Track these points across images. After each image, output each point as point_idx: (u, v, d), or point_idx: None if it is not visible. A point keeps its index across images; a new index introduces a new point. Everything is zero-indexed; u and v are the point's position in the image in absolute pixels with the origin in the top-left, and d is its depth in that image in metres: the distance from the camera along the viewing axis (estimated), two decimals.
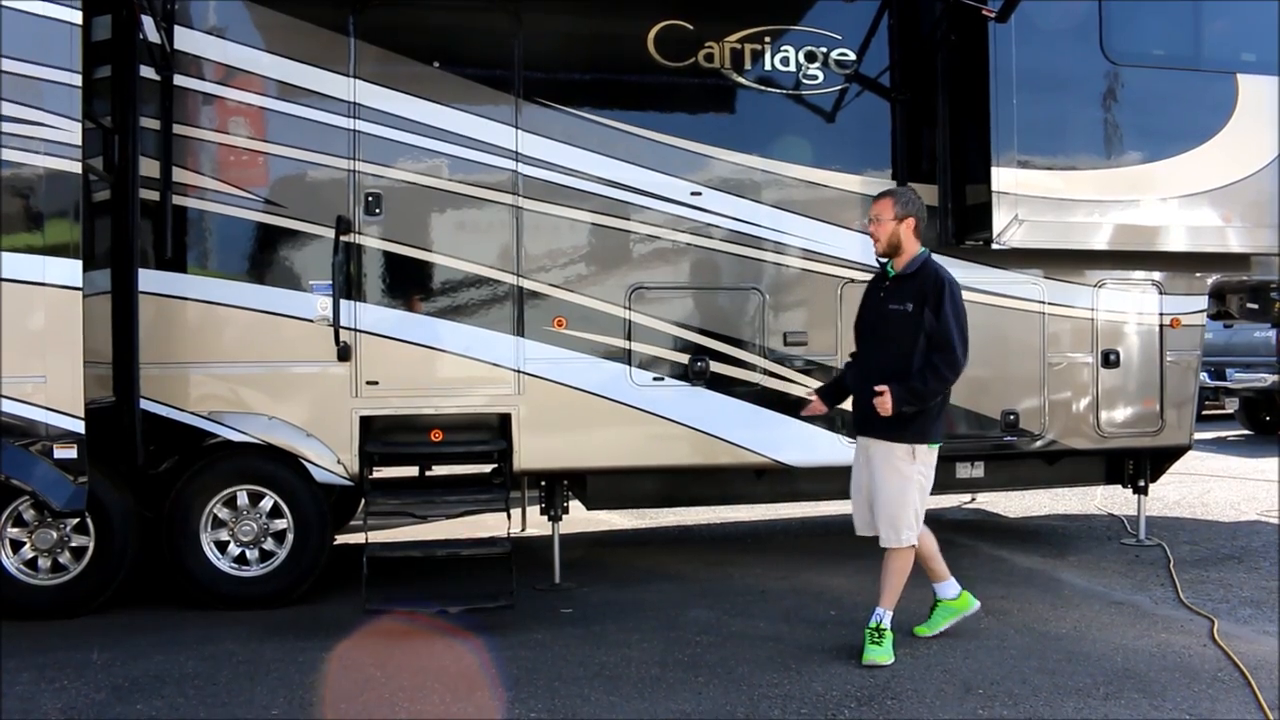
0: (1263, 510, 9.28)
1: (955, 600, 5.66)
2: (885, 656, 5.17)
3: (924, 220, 5.41)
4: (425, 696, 4.79)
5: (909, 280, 5.26)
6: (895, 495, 5.24)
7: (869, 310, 5.48)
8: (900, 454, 5.23)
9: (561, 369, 6.54)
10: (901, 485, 5.24)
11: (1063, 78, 7.08)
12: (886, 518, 5.26)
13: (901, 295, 5.25)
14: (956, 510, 9.56)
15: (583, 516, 7.96)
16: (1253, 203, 7.39)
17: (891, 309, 5.27)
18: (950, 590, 5.66)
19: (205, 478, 6.25)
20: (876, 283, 5.50)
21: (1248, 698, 4.70)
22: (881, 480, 5.26)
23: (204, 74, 6.30)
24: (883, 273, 5.46)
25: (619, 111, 6.68)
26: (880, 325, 5.35)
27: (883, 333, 5.33)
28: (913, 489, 5.26)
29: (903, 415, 5.13)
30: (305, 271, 6.36)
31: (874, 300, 5.43)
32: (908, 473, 5.24)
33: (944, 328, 5.13)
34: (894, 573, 5.33)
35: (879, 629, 5.24)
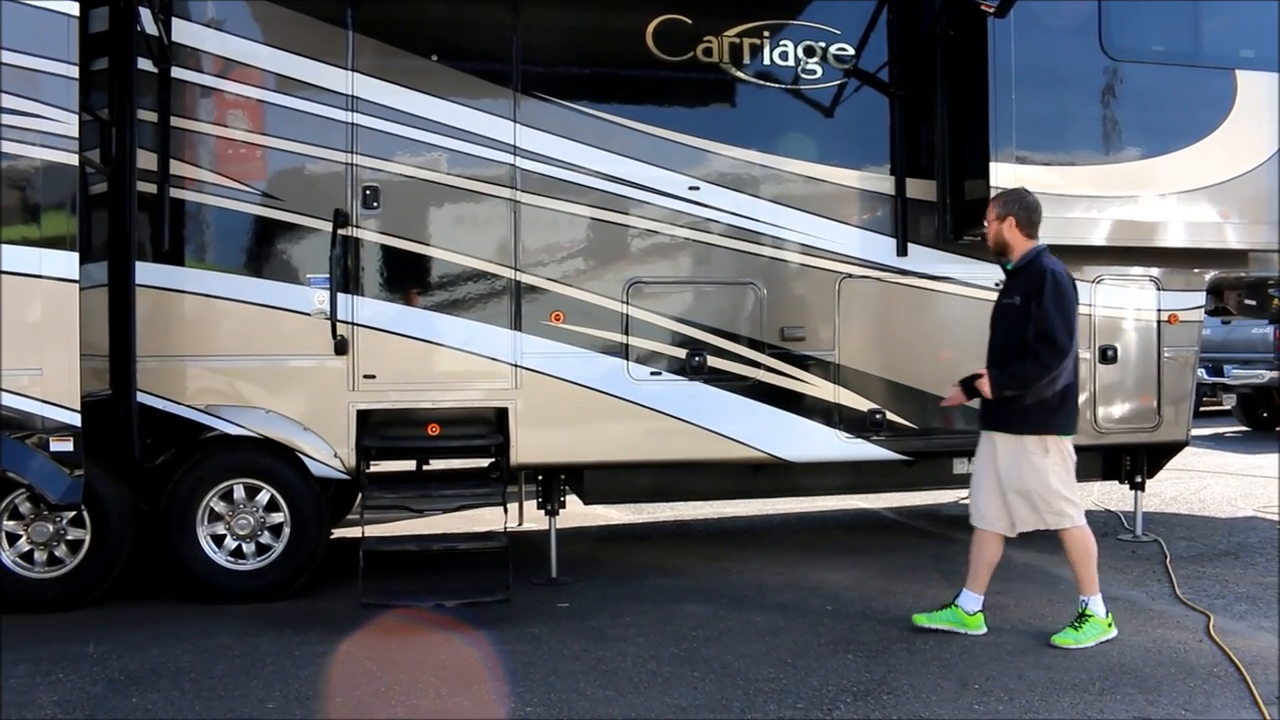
0: (1259, 506, 9.28)
1: (970, 616, 5.61)
2: (1078, 640, 5.34)
3: (1029, 217, 5.52)
4: (421, 691, 4.79)
5: (1019, 275, 5.47)
6: (1039, 486, 5.38)
7: (995, 308, 5.67)
8: (1031, 446, 5.37)
9: (559, 363, 6.53)
10: (1040, 476, 5.37)
11: (1062, 74, 7.08)
12: (1046, 508, 5.41)
13: (1012, 290, 5.48)
14: (954, 506, 9.54)
15: (580, 511, 7.96)
16: (1251, 199, 7.39)
17: (1004, 303, 5.52)
18: (971, 604, 5.64)
19: (202, 471, 6.25)
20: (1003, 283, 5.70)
21: (1243, 693, 4.71)
22: (1020, 476, 5.40)
23: (202, 66, 6.29)
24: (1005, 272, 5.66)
25: (617, 106, 6.67)
26: (998, 320, 5.58)
27: (999, 327, 5.55)
28: (1051, 475, 5.38)
29: (1021, 407, 5.32)
30: (302, 265, 6.35)
31: (998, 299, 5.66)
32: (1042, 464, 5.37)
33: (1045, 316, 5.27)
34: (1079, 558, 5.49)
35: (1084, 614, 5.42)
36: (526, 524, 7.94)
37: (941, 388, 7.04)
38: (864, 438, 6.96)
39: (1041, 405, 5.35)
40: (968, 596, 5.64)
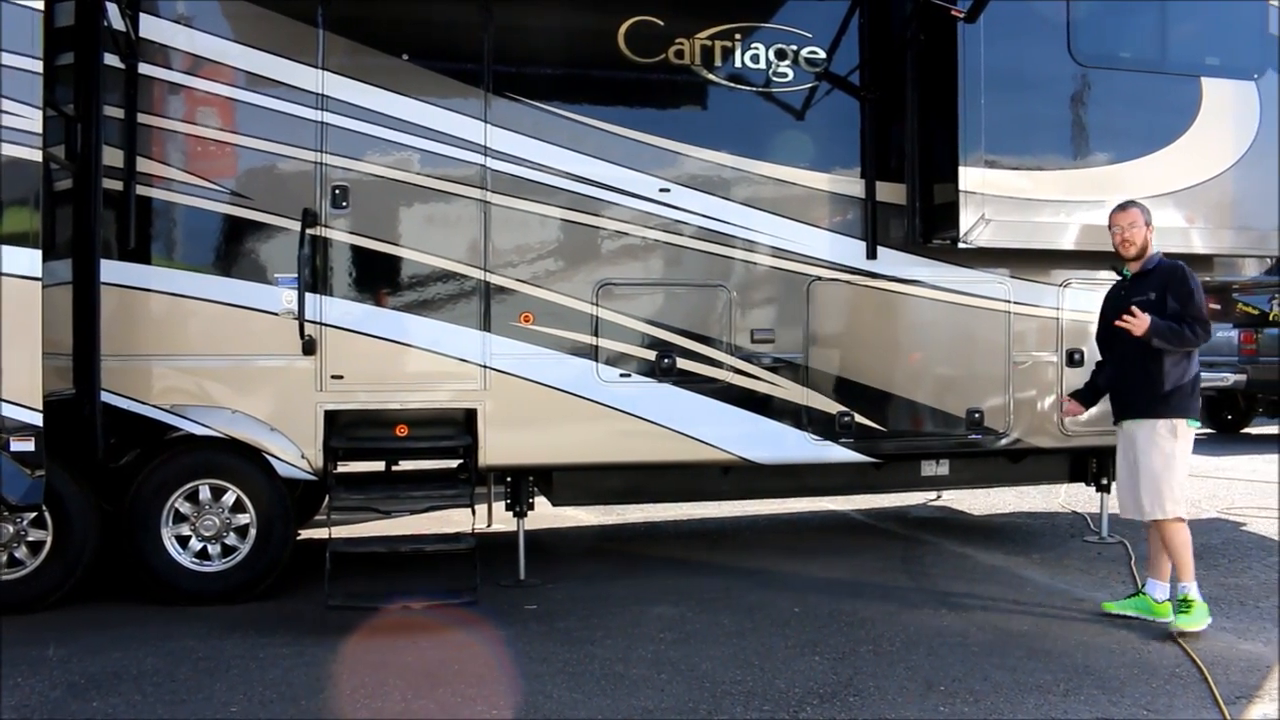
0: (1224, 508, 9.38)
1: (1159, 604, 5.85)
2: (1194, 623, 5.60)
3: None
4: (387, 693, 4.77)
5: (1150, 275, 5.86)
6: (1160, 470, 5.69)
7: (1114, 309, 5.90)
8: (1163, 430, 5.71)
9: (528, 365, 6.51)
10: (1165, 460, 5.70)
11: (1030, 79, 7.12)
12: (1152, 491, 5.71)
13: (1144, 288, 5.83)
14: (922, 507, 9.61)
15: (549, 512, 7.94)
16: (1216, 205, 7.46)
17: (1136, 301, 5.76)
18: (1160, 593, 5.88)
19: (167, 471, 6.19)
20: (1118, 286, 6.07)
21: (1204, 693, 4.75)
22: (1147, 458, 5.72)
23: (170, 63, 6.24)
24: (1121, 276, 6.04)
25: (589, 107, 6.66)
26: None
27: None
28: (1177, 464, 5.72)
29: (1162, 393, 5.70)
30: (270, 264, 6.31)
31: (1117, 300, 5.96)
32: (1170, 449, 5.70)
33: (1197, 305, 5.74)
34: (1178, 548, 5.74)
35: (1186, 600, 5.68)
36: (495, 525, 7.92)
37: (910, 390, 7.15)
38: (833, 440, 6.98)
39: (1179, 390, 5.75)
40: (1155, 585, 5.91)
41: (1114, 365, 6.03)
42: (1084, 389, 6.36)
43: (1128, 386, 5.87)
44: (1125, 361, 5.88)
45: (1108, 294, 6.20)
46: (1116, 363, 5.99)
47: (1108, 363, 6.15)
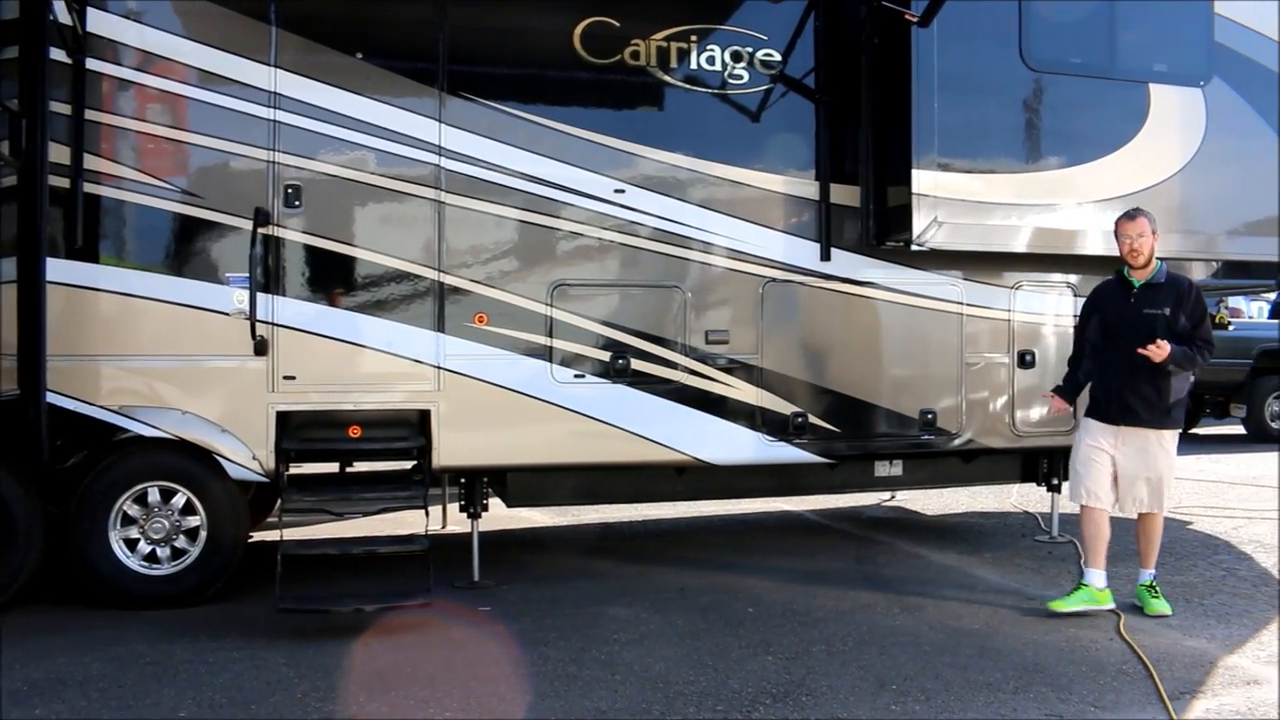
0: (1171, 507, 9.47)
1: (1100, 593, 6.12)
2: (1166, 607, 6.06)
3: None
4: (338, 696, 4.74)
5: (1161, 288, 6.09)
6: (1167, 472, 6.14)
7: (1117, 313, 6.19)
8: (1168, 439, 6.13)
9: (482, 365, 6.48)
10: (1170, 464, 6.16)
11: (983, 83, 7.18)
12: (1157, 492, 6.14)
13: (1157, 302, 6.06)
14: (876, 508, 9.68)
15: (504, 514, 7.91)
16: (1164, 208, 7.51)
17: (1147, 313, 6.04)
18: (1099, 581, 6.15)
19: (115, 474, 6.10)
20: (1119, 291, 6.23)
21: (1150, 689, 4.83)
22: (1155, 462, 6.10)
23: (119, 58, 6.14)
24: (1123, 281, 6.21)
25: (544, 107, 6.64)
26: (1135, 327, 6.04)
27: (1138, 333, 5.98)
28: (1174, 466, 6.22)
29: (1166, 405, 6.06)
30: (222, 264, 6.23)
31: (1122, 305, 6.18)
32: (1173, 452, 6.17)
33: (1208, 327, 6.13)
34: (1155, 536, 6.25)
35: (1153, 585, 6.18)
36: (450, 527, 7.88)
37: (864, 391, 7.19)
38: (787, 440, 7.00)
39: (1179, 403, 6.14)
40: (1092, 574, 6.14)
41: (1113, 369, 6.15)
42: (1066, 384, 6.53)
43: (1134, 396, 6.06)
44: (1131, 370, 6.03)
45: (1104, 293, 6.35)
46: (1117, 369, 6.11)
47: (1100, 363, 6.28)
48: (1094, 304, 6.42)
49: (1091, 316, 6.39)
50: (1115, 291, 6.27)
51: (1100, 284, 6.49)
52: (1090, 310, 6.43)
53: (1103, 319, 6.29)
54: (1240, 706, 4.65)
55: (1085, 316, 6.48)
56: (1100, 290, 6.43)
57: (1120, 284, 6.24)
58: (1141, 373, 6.00)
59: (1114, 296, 6.26)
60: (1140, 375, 6.01)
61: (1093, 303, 6.44)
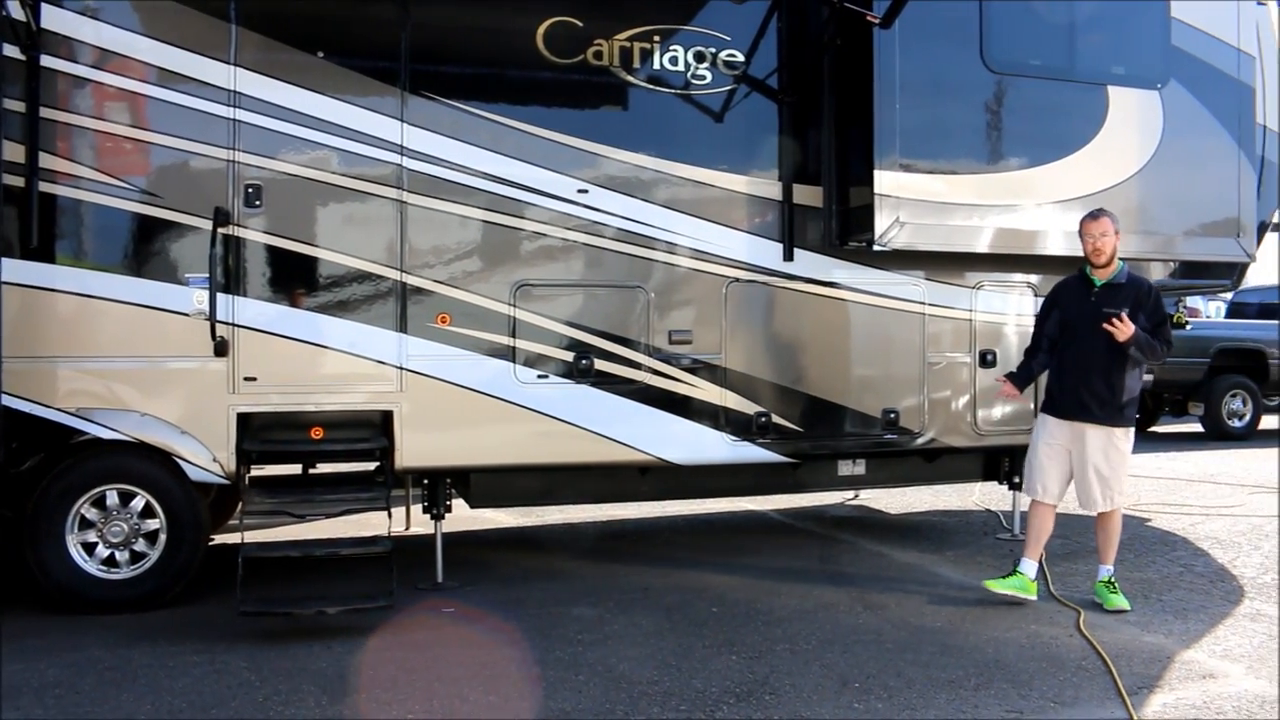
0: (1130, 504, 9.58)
1: (1029, 581, 6.30)
2: (1125, 603, 6.16)
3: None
4: (301, 700, 4.70)
5: (1122, 288, 6.19)
6: (1119, 468, 6.24)
7: (1077, 311, 6.28)
8: (1120, 435, 6.21)
9: (445, 366, 6.45)
10: (1122, 460, 6.25)
11: (944, 84, 7.23)
12: (1105, 487, 6.21)
13: (1116, 301, 6.11)
14: (839, 507, 9.72)
15: (467, 515, 7.89)
16: (1123, 209, 7.57)
17: (1106, 312, 6.06)
18: (1031, 571, 6.35)
19: (72, 477, 6.02)
20: (1080, 289, 6.33)
21: (1108, 685, 4.88)
22: (1107, 458, 6.18)
23: (74, 55, 6.06)
24: (1085, 279, 6.31)
25: (506, 107, 6.62)
26: (1094, 325, 6.09)
27: (1097, 332, 6.06)
28: (1128, 463, 6.31)
29: (1120, 403, 6.16)
30: (181, 264, 6.17)
31: (1082, 303, 6.26)
32: (1125, 449, 6.25)
33: (1169, 329, 6.22)
34: (1113, 532, 6.36)
35: (1111, 581, 6.27)
36: (414, 528, 7.86)
37: (827, 390, 7.23)
38: (750, 440, 7.02)
39: (1132, 401, 6.24)
40: (1028, 564, 6.34)
41: (1070, 365, 6.26)
42: (1019, 372, 6.64)
43: (1088, 393, 6.16)
44: (1087, 367, 6.16)
45: (1065, 289, 6.45)
46: (1074, 364, 6.23)
47: (1059, 358, 6.37)
48: (1054, 299, 6.51)
49: (1051, 311, 6.48)
50: (1076, 289, 6.36)
51: (1062, 280, 6.58)
52: (1050, 305, 6.52)
53: (1062, 315, 6.38)
54: (1196, 700, 4.71)
55: (1045, 311, 6.57)
56: (1061, 287, 6.52)
57: (1082, 282, 6.34)
58: (1097, 370, 6.12)
59: (1075, 294, 6.35)
60: (1095, 372, 6.13)
61: (1053, 298, 6.53)
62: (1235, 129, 7.94)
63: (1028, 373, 6.60)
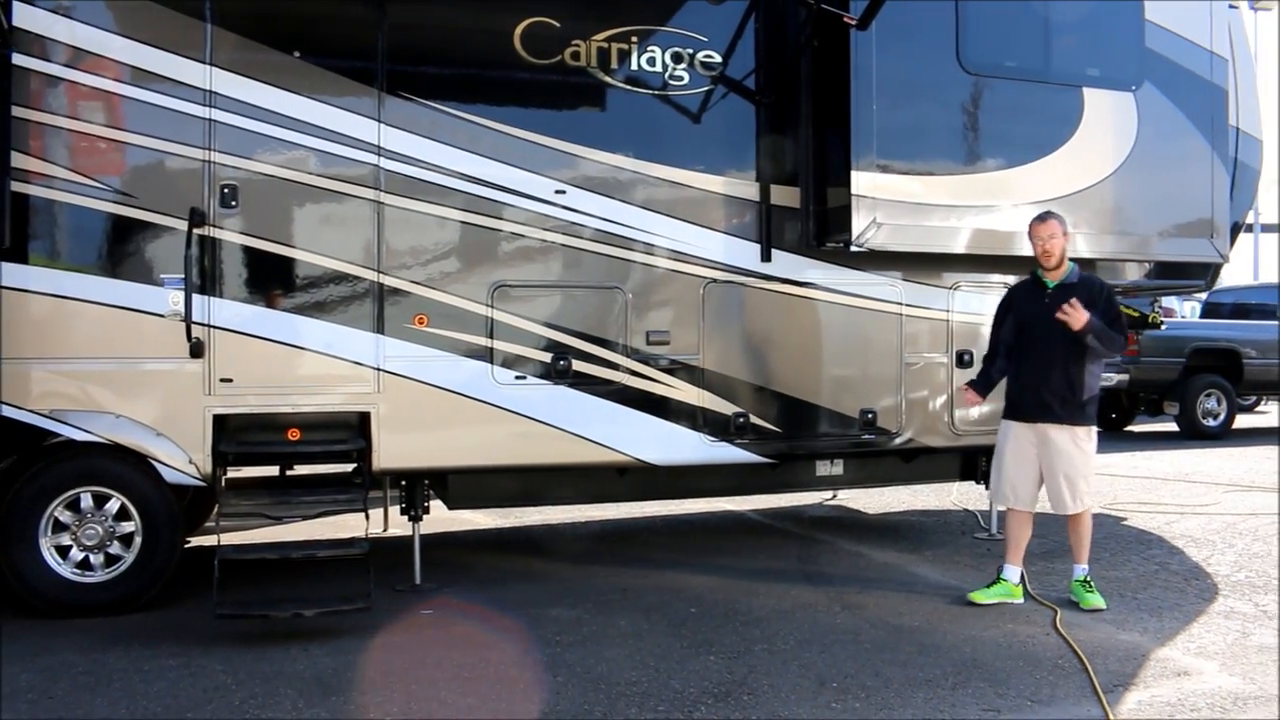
0: (1106, 504, 9.66)
1: (1014, 586, 6.36)
2: (1101, 602, 6.17)
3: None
4: (278, 703, 4.68)
5: (1074, 288, 6.20)
6: (1081, 468, 6.26)
7: (1032, 313, 6.32)
8: (1082, 435, 6.26)
9: (422, 367, 6.43)
10: (1085, 460, 6.28)
11: (921, 86, 7.25)
12: (1073, 489, 6.25)
13: (1070, 299, 6.08)
14: (818, 507, 9.74)
15: (446, 516, 7.87)
16: (1098, 210, 7.70)
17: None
18: (1015, 576, 6.40)
19: (45, 479, 5.97)
20: (1034, 291, 6.38)
21: (1084, 683, 4.90)
22: (1069, 458, 6.22)
23: (47, 54, 6.01)
24: (1037, 282, 6.36)
25: (484, 107, 6.60)
26: (1050, 325, 6.13)
27: (1053, 331, 6.12)
28: (1092, 463, 6.36)
29: (1080, 402, 6.22)
30: (157, 264, 6.12)
31: (1036, 305, 6.30)
32: (1089, 450, 6.29)
33: (1123, 324, 6.31)
34: (1085, 532, 6.38)
35: (1087, 580, 6.29)
36: (392, 530, 7.83)
37: (804, 391, 7.24)
38: (728, 441, 7.03)
39: (1093, 399, 6.29)
40: (1011, 570, 6.38)
41: (1029, 367, 6.31)
42: (980, 380, 6.66)
43: (1048, 392, 6.20)
44: (1046, 367, 6.21)
45: (1019, 293, 6.52)
46: (1033, 366, 6.28)
47: (1016, 362, 6.42)
48: (1008, 304, 6.55)
49: (1006, 317, 6.52)
50: (1029, 292, 6.41)
51: (1014, 285, 6.67)
52: (1005, 311, 6.56)
53: (1017, 319, 6.42)
54: (1171, 698, 4.74)
55: (1000, 317, 6.60)
56: (1015, 291, 6.58)
57: (1034, 285, 6.39)
58: (1056, 369, 6.17)
59: (1028, 297, 6.40)
60: (1055, 373, 6.18)
61: (1007, 303, 6.57)
62: (1208, 131, 8.01)
63: (987, 379, 6.61)
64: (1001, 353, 6.52)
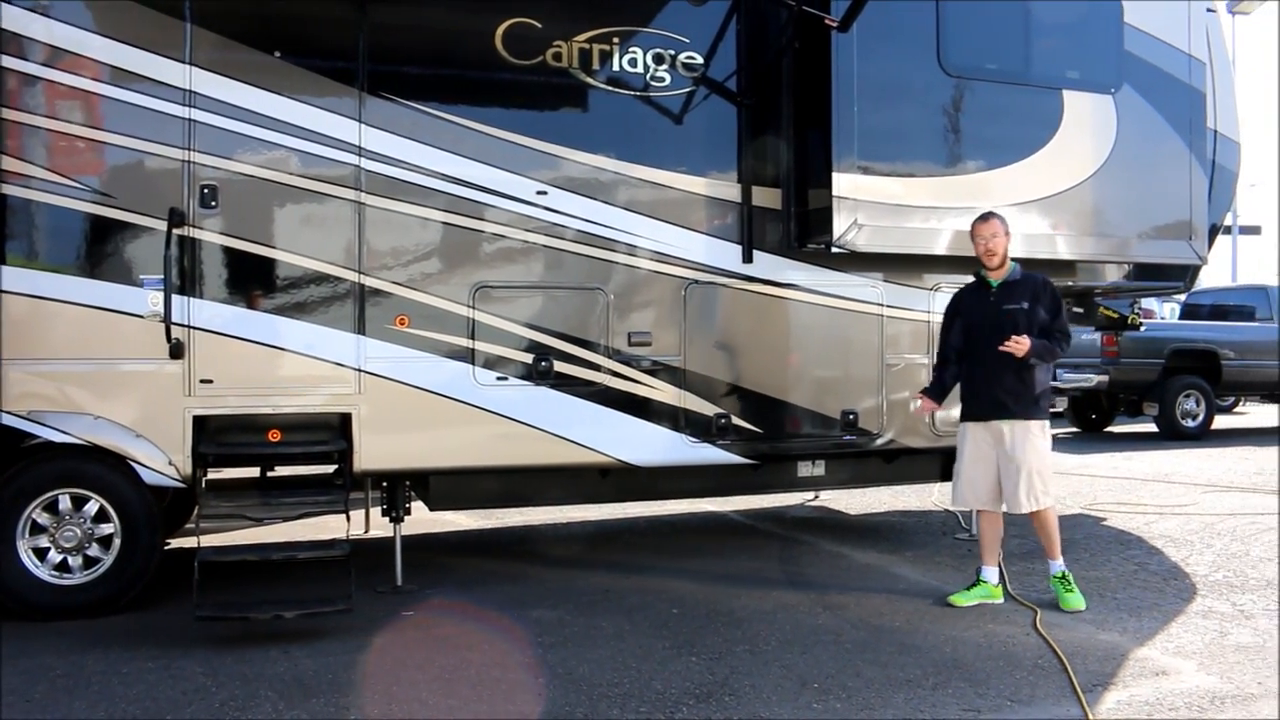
0: (1086, 504, 9.73)
1: (994, 587, 6.38)
2: (1080, 602, 6.15)
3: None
4: (258, 705, 4.65)
5: (1018, 285, 6.29)
6: (1038, 464, 6.21)
7: (979, 313, 6.36)
8: (1036, 430, 6.23)
9: (403, 368, 6.42)
10: (1040, 455, 6.22)
11: (902, 87, 7.28)
12: (1029, 485, 6.18)
13: (1015, 297, 6.25)
14: (800, 508, 9.76)
15: (427, 517, 7.85)
16: (1078, 212, 7.74)
17: (1008, 309, 6.22)
18: (993, 577, 6.42)
19: (23, 481, 5.94)
20: (979, 292, 6.42)
21: (1064, 683, 4.92)
22: (1025, 455, 6.18)
23: (25, 53, 5.97)
24: (981, 282, 6.41)
25: (465, 108, 6.59)
26: (997, 324, 6.19)
27: (1001, 329, 6.14)
28: (1048, 459, 6.30)
29: (1032, 396, 6.20)
30: (136, 265, 6.09)
31: (983, 305, 6.35)
32: (1043, 446, 6.25)
33: (1065, 319, 6.33)
34: (1052, 529, 6.31)
35: (1065, 576, 6.26)
36: (373, 531, 7.81)
37: (786, 392, 7.26)
38: (710, 442, 7.04)
39: (1045, 394, 6.30)
40: (988, 571, 6.39)
41: (980, 367, 6.31)
42: (934, 386, 6.67)
43: (1002, 391, 6.21)
44: (997, 365, 6.18)
45: (964, 296, 6.53)
46: (983, 367, 6.27)
47: (968, 364, 6.43)
48: (955, 308, 6.58)
49: (954, 321, 6.54)
50: (975, 293, 6.46)
51: (958, 290, 6.67)
52: (952, 314, 6.58)
53: (965, 321, 6.44)
54: (1149, 697, 4.77)
55: (948, 322, 6.61)
56: (960, 294, 6.61)
57: (979, 286, 6.45)
58: (1006, 368, 6.16)
59: (974, 298, 6.44)
60: (1005, 370, 6.17)
61: (954, 307, 6.59)
62: (1187, 133, 8.07)
63: (941, 386, 6.61)
64: (952, 358, 6.52)
